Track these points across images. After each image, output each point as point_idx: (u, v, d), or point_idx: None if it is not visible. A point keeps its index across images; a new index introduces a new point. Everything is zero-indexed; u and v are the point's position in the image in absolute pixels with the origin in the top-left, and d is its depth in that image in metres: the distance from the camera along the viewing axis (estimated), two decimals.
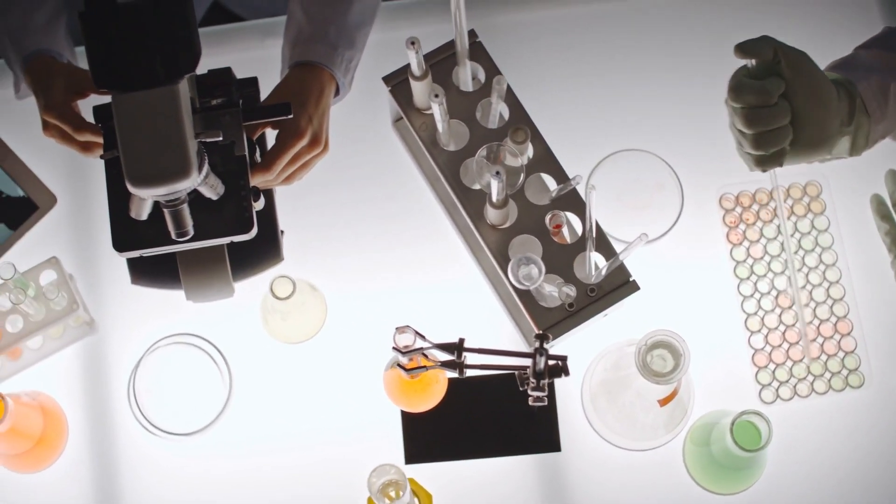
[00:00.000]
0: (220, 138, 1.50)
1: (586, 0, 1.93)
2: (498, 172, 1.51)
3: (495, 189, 1.55)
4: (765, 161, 1.50)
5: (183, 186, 1.44)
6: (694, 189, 1.82)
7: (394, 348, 1.52)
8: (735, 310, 1.79)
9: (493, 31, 1.85)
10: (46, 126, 1.64)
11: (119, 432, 1.77)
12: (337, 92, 1.71)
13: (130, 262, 1.65)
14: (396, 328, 1.51)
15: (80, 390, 1.78)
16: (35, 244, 1.82)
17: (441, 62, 1.70)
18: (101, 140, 1.63)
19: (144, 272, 1.66)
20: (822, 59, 1.53)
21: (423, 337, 1.52)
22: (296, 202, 1.80)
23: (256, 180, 1.63)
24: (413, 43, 1.56)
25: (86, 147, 1.64)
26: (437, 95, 1.55)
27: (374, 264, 1.81)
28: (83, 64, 1.75)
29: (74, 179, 1.86)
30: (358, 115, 1.85)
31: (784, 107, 1.46)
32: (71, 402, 1.77)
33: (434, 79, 1.67)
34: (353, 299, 1.80)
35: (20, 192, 1.83)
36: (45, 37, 1.73)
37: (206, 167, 1.46)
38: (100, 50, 1.40)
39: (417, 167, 1.82)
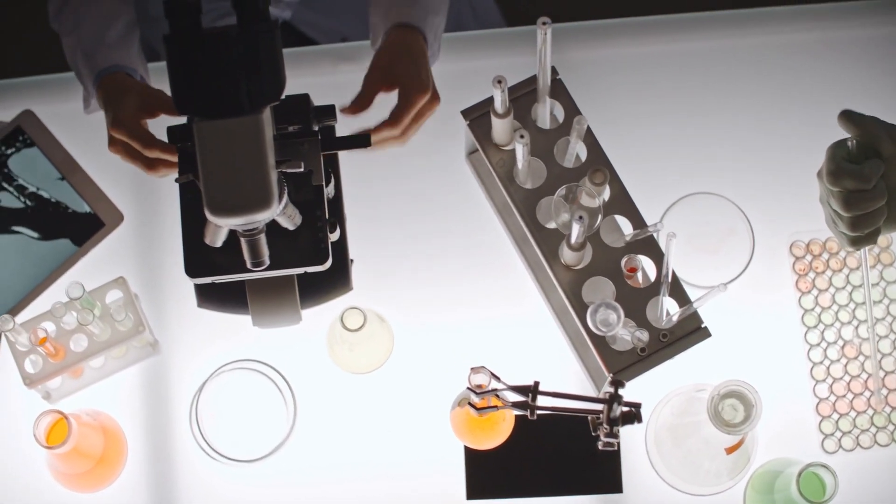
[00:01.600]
0: (301, 169, 1.49)
1: (664, 39, 1.91)
2: (581, 217, 1.50)
3: (576, 232, 1.54)
4: (859, 241, 1.48)
5: (263, 217, 1.42)
6: (764, 235, 1.81)
7: (468, 388, 1.51)
8: (801, 358, 1.78)
9: (568, 66, 1.84)
10: (112, 142, 1.63)
11: (178, 456, 1.75)
12: None
13: (198, 285, 1.64)
14: (471, 368, 1.50)
15: (141, 411, 1.77)
16: (100, 262, 1.81)
17: (520, 98, 1.68)
18: (169, 158, 1.62)
19: (211, 296, 1.64)
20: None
21: (497, 378, 1.51)
22: (365, 231, 1.79)
23: (382, 135, 1.62)
24: (500, 82, 1.54)
25: (151, 165, 1.63)
26: (522, 136, 1.53)
27: (441, 296, 1.80)
28: (155, 82, 1.74)
29: (142, 198, 1.85)
30: (431, 145, 1.83)
31: (881, 189, 1.43)
32: (131, 422, 1.76)
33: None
34: (419, 331, 1.79)
35: (87, 209, 1.82)
36: (119, 53, 1.72)
37: (285, 197, 1.45)
38: (183, 75, 1.38)
39: (489, 201, 1.81)
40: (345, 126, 1.66)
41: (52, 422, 1.60)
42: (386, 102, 1.66)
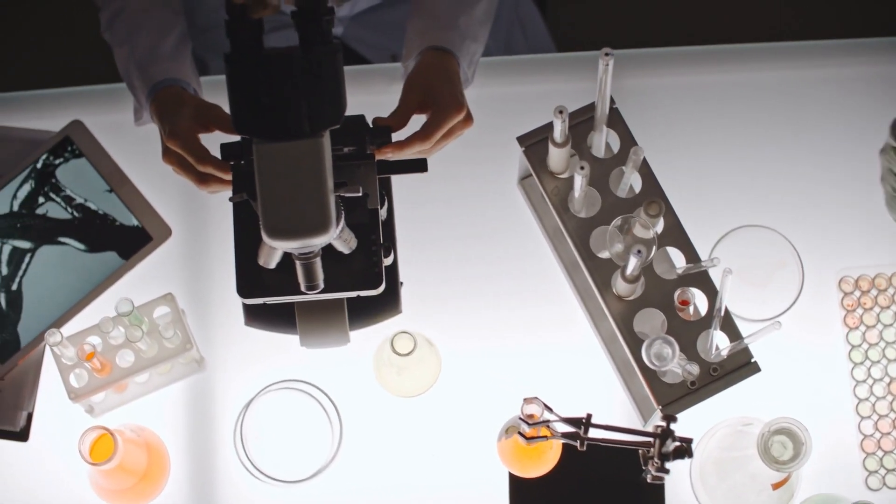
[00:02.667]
0: (360, 194, 1.48)
1: (717, 69, 1.90)
2: (640, 251, 1.49)
3: (632, 265, 1.53)
4: None
5: (320, 241, 1.41)
6: (813, 269, 1.80)
7: (520, 417, 1.50)
8: (846, 394, 1.77)
9: (621, 93, 1.83)
10: (167, 153, 1.62)
11: (221, 474, 1.74)
12: None
13: (247, 304, 1.63)
14: (525, 399, 1.50)
15: (184, 428, 1.76)
16: (146, 276, 1.80)
17: (576, 126, 1.68)
18: (221, 175, 1.61)
19: (259, 315, 1.63)
20: None
21: (549, 409, 1.50)
22: (415, 253, 1.78)
23: (412, 150, 1.61)
24: (561, 112, 1.54)
25: (203, 180, 1.62)
26: (582, 168, 1.53)
27: (488, 321, 1.79)
28: (207, 95, 1.73)
29: (190, 212, 1.83)
30: (483, 168, 1.83)
31: None
32: (174, 438, 1.75)
33: None
34: (466, 355, 1.78)
35: (134, 222, 1.81)
36: (173, 65, 1.71)
37: (342, 221, 1.44)
38: (244, 96, 1.36)
39: (541, 227, 1.80)
40: None
41: (97, 437, 1.59)
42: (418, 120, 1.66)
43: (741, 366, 1.61)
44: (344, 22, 2.04)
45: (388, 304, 1.64)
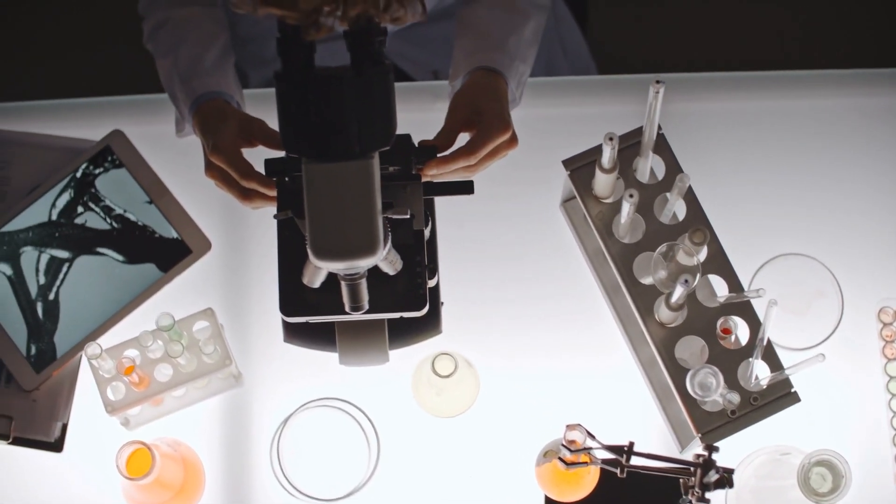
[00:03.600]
0: (408, 216, 1.48)
1: (758, 96, 1.90)
2: (686, 280, 1.49)
3: (678, 294, 1.52)
4: None
5: (367, 263, 1.41)
6: (853, 299, 1.80)
7: (562, 444, 1.50)
8: (884, 425, 1.77)
9: (661, 117, 1.82)
10: (210, 167, 1.61)
11: (257, 491, 1.74)
12: None
13: (288, 321, 1.62)
14: (567, 425, 1.49)
15: (220, 442, 1.75)
16: (184, 289, 1.80)
17: (621, 151, 1.67)
18: (265, 191, 1.60)
19: (299, 332, 1.63)
20: None
21: (592, 436, 1.50)
22: (455, 273, 1.78)
23: (457, 165, 1.60)
24: (611, 139, 1.53)
25: (246, 196, 1.61)
26: (631, 195, 1.52)
27: (528, 343, 1.79)
28: (249, 108, 1.73)
29: (230, 226, 1.83)
30: (525, 189, 1.82)
31: None
32: (209, 453, 1.75)
33: None
34: (504, 376, 1.78)
35: (174, 234, 1.80)
36: (217, 78, 1.70)
37: (389, 243, 1.43)
38: (294, 115, 1.36)
39: (582, 250, 1.80)
40: None
41: (134, 451, 1.59)
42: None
43: (781, 395, 1.61)
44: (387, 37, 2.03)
45: (428, 324, 1.63)
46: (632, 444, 1.50)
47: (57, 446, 1.75)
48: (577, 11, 2.20)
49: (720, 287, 1.66)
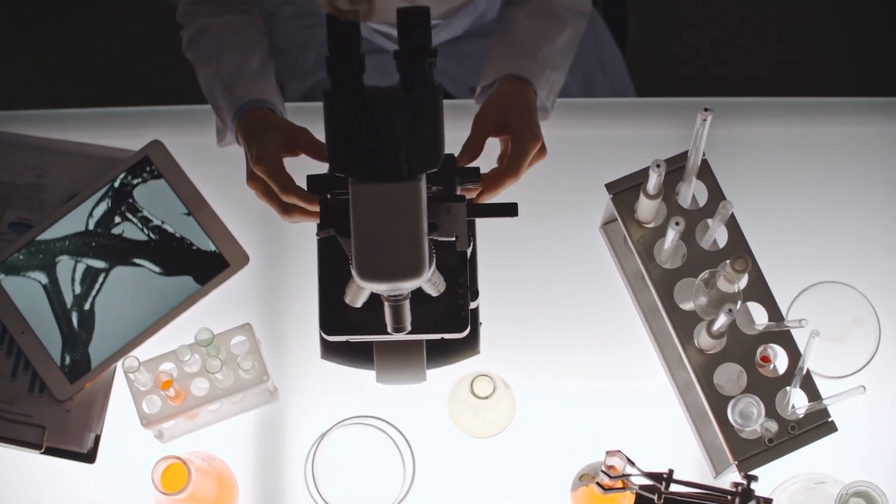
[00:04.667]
0: (453, 239, 1.47)
1: (797, 122, 1.89)
2: (731, 310, 1.49)
3: (721, 322, 1.52)
4: None
5: (412, 285, 1.40)
6: (890, 327, 1.79)
7: (602, 470, 1.50)
8: None
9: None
10: (252, 178, 1.60)
11: None
12: None
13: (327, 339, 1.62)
14: (607, 451, 1.49)
15: (253, 458, 1.75)
16: (221, 302, 1.79)
17: (664, 175, 1.67)
18: (305, 206, 1.59)
19: (336, 349, 1.62)
20: None
21: (632, 463, 1.50)
22: (494, 293, 1.77)
23: (505, 187, 1.61)
24: (658, 166, 1.53)
25: (286, 210, 1.60)
26: (677, 223, 1.52)
27: (563, 365, 1.78)
28: (292, 117, 1.72)
29: (269, 240, 1.82)
30: (565, 210, 1.82)
31: None
32: (242, 468, 1.74)
33: None
34: (541, 398, 1.77)
35: (212, 247, 1.80)
36: (260, 86, 1.69)
37: (433, 265, 1.43)
38: (342, 135, 1.35)
39: (621, 273, 1.80)
40: None
41: (169, 465, 1.59)
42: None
43: (818, 424, 1.61)
44: None
45: (467, 344, 1.63)
46: (671, 471, 1.49)
47: (90, 457, 1.74)
48: (616, 31, 2.20)
49: (759, 314, 1.66)
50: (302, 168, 1.57)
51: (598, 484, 1.52)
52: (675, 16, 2.96)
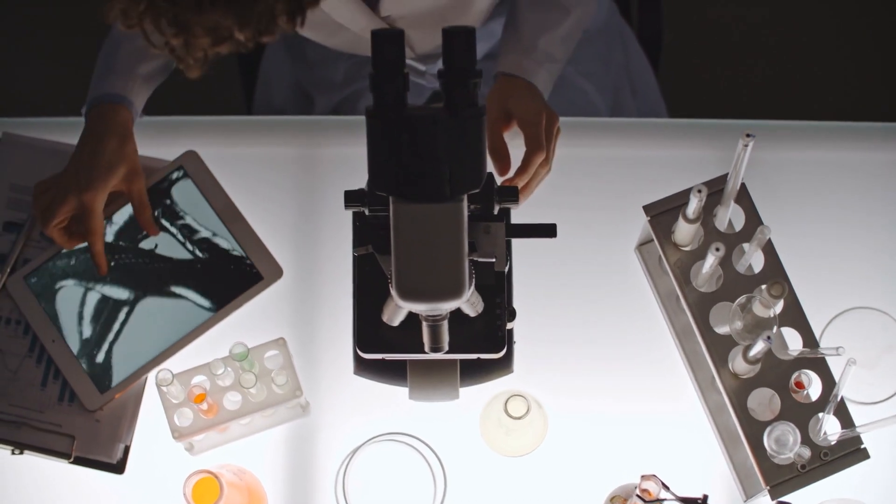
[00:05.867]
0: (493, 260, 1.47)
1: (836, 146, 1.89)
2: (769, 337, 1.48)
3: (759, 349, 1.52)
4: None
5: (451, 305, 1.41)
6: None
7: (636, 494, 1.50)
8: None
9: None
10: (69, 191, 1.68)
11: None
12: None
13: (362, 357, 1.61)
14: (643, 475, 1.49)
15: (283, 472, 1.74)
16: (253, 315, 1.78)
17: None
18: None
19: (369, 365, 1.62)
20: None
21: (667, 487, 1.50)
22: (527, 312, 1.76)
23: (535, 165, 1.66)
24: (700, 191, 1.53)
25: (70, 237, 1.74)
26: (718, 249, 1.52)
27: (595, 384, 1.78)
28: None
29: (303, 254, 1.82)
30: (600, 231, 1.82)
31: None
32: (272, 482, 1.74)
33: None
34: (572, 417, 1.76)
35: (246, 260, 1.79)
36: (139, 90, 1.74)
37: (473, 285, 1.43)
38: (385, 154, 1.35)
39: (655, 295, 1.79)
40: None
41: (200, 479, 1.58)
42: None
43: (851, 451, 1.61)
44: None
45: (501, 363, 1.62)
46: (706, 496, 1.49)
47: (119, 468, 1.74)
48: (650, 48, 2.20)
49: (792, 339, 1.66)
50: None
51: None
52: (710, 30, 2.96)
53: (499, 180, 1.67)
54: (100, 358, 1.75)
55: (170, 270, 1.78)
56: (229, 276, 1.78)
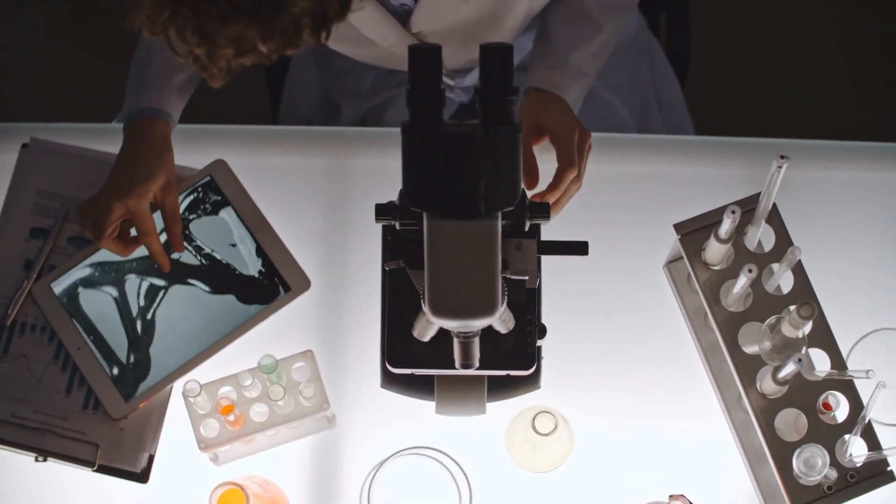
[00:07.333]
0: (527, 277, 1.46)
1: (867, 167, 1.89)
2: (800, 360, 1.48)
3: (788, 370, 1.52)
4: None
5: (483, 322, 1.40)
6: None
7: None
8: None
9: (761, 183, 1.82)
10: (116, 198, 1.69)
11: None
12: None
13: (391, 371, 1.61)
14: (671, 495, 1.49)
15: (308, 484, 1.74)
16: (280, 326, 1.78)
17: None
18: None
19: (397, 379, 1.62)
20: None
21: None
22: (555, 328, 1.76)
23: (570, 192, 1.69)
24: (733, 212, 1.52)
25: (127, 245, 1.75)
26: (750, 270, 1.52)
27: (621, 401, 1.78)
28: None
29: (331, 264, 1.82)
30: (628, 248, 1.82)
31: None
32: (297, 494, 1.73)
33: None
34: (598, 433, 1.76)
35: (274, 271, 1.79)
36: (175, 102, 1.75)
37: (505, 302, 1.42)
38: (420, 170, 1.34)
39: (683, 313, 1.79)
40: None
41: (226, 491, 1.58)
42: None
43: (878, 473, 1.61)
44: (469, 92, 2.02)
45: (528, 379, 1.63)
46: None
47: (143, 477, 1.73)
48: (678, 64, 2.19)
49: (820, 360, 1.65)
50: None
51: None
52: (737, 45, 2.96)
53: (528, 194, 1.67)
54: (125, 366, 1.75)
55: (196, 281, 1.78)
56: (256, 287, 1.78)
